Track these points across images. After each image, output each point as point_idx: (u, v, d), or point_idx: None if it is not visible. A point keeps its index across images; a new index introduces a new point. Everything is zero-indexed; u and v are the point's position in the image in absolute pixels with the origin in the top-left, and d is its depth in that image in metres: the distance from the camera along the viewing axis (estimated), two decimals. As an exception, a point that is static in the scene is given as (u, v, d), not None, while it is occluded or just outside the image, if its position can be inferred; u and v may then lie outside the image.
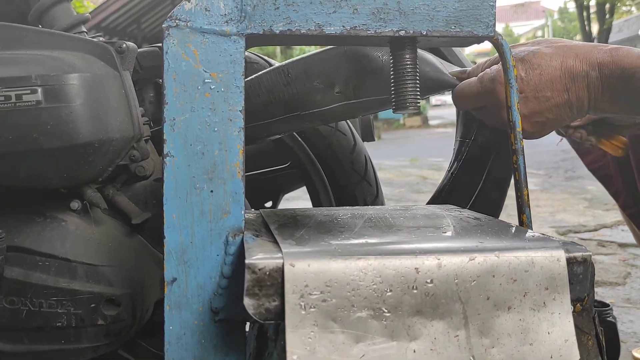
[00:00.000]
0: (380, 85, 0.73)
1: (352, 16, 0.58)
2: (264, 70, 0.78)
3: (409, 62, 0.63)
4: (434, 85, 0.77)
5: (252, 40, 0.59)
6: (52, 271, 0.78)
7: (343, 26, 0.58)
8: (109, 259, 0.81)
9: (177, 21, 0.56)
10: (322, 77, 0.73)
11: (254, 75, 0.79)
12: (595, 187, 4.43)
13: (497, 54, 0.79)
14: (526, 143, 0.69)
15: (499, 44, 0.63)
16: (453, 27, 0.60)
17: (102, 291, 0.79)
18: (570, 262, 0.52)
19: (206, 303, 0.56)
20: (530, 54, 0.76)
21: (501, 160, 0.87)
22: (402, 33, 0.59)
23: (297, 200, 3.66)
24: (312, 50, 0.79)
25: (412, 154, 7.77)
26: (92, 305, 0.78)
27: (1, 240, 0.75)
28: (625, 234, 3.09)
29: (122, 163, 0.83)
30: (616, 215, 3.49)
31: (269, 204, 1.31)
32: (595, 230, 3.23)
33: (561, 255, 0.51)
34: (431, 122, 17.26)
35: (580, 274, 0.52)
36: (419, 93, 0.64)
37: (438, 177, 5.62)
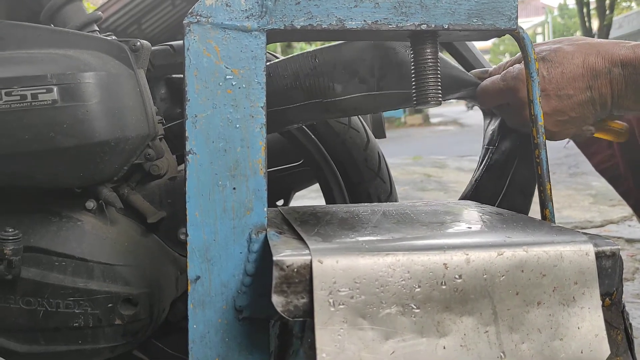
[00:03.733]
0: (404, 80, 0.73)
1: (374, 10, 0.57)
2: (293, 55, 0.78)
3: (430, 57, 0.62)
4: (457, 83, 0.77)
5: (273, 36, 0.58)
6: (69, 271, 0.78)
7: (364, 20, 0.57)
8: (125, 258, 0.80)
9: (198, 17, 0.55)
10: (348, 66, 0.73)
11: (282, 58, 0.79)
12: (600, 183, 4.42)
13: (519, 54, 0.79)
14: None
15: (521, 37, 0.63)
16: (475, 21, 0.59)
17: (119, 291, 0.78)
18: (599, 256, 0.51)
19: (230, 301, 0.56)
20: (552, 52, 0.75)
21: (524, 166, 0.87)
22: (423, 27, 0.58)
23: (303, 198, 3.66)
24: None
25: (415, 151, 7.76)
26: (110, 305, 0.78)
27: (18, 241, 0.74)
28: (632, 230, 3.08)
29: (136, 162, 0.82)
30: (622, 210, 3.48)
31: (279, 202, 1.31)
32: (602, 226, 3.23)
33: (590, 249, 0.51)
34: (432, 120, 17.25)
35: (609, 267, 0.52)
36: (440, 87, 0.63)
37: (442, 175, 5.60)
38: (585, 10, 15.75)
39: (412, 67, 0.64)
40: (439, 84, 0.63)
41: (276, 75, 0.77)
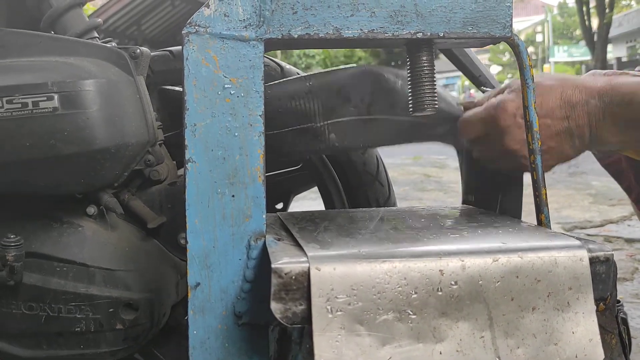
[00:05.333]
0: (394, 108, 0.74)
1: (370, 19, 0.58)
2: (289, 78, 0.78)
3: (426, 64, 0.63)
4: (442, 116, 0.78)
5: (270, 45, 0.59)
6: (70, 276, 0.78)
7: (361, 29, 0.58)
8: (126, 263, 0.81)
9: (196, 27, 0.56)
10: (340, 90, 0.75)
11: (280, 80, 0.80)
12: (600, 183, 4.43)
13: (502, 86, 0.80)
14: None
15: (515, 44, 0.63)
16: (470, 29, 0.60)
17: (120, 295, 0.79)
18: (592, 261, 0.52)
19: (229, 307, 0.57)
20: None
21: (508, 199, 0.85)
22: (419, 35, 0.59)
23: (303, 200, 3.66)
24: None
25: (415, 152, 7.75)
26: (111, 309, 0.78)
27: (19, 247, 0.75)
28: (631, 229, 3.09)
29: (137, 168, 0.83)
30: (622, 210, 3.48)
31: (279, 206, 1.31)
32: (602, 225, 3.23)
33: (584, 254, 0.52)
34: (432, 120, 17.21)
35: (603, 273, 0.53)
36: (436, 94, 0.64)
37: (442, 175, 5.61)
38: (584, 8, 15.75)
39: (408, 75, 0.64)
40: (435, 91, 0.64)
41: (273, 98, 0.77)
